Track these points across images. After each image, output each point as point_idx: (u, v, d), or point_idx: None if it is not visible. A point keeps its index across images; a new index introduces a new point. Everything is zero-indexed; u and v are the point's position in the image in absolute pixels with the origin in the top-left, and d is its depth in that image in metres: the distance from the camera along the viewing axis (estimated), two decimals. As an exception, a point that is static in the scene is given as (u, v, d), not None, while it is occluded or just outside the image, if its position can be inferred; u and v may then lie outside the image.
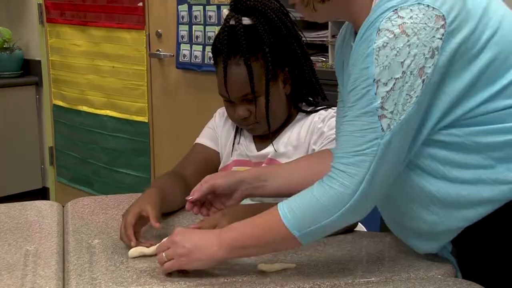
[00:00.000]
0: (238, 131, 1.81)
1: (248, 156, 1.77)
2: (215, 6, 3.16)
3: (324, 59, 2.85)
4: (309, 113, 1.74)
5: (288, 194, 1.34)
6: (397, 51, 1.17)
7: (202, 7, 3.22)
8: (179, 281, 1.31)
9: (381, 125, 1.19)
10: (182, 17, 3.33)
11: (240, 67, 1.63)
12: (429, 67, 1.18)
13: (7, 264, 1.41)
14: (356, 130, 1.22)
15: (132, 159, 3.84)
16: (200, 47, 3.28)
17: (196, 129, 1.91)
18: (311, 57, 1.77)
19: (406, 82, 1.18)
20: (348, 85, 1.25)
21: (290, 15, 1.72)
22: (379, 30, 1.18)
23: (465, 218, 1.29)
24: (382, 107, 1.19)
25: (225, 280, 1.32)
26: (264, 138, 1.77)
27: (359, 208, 1.25)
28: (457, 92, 1.22)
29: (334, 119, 1.70)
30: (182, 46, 3.37)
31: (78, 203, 1.84)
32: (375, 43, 1.18)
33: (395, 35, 1.17)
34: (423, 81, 1.19)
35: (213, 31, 3.16)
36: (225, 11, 1.68)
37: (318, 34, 2.87)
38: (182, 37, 3.36)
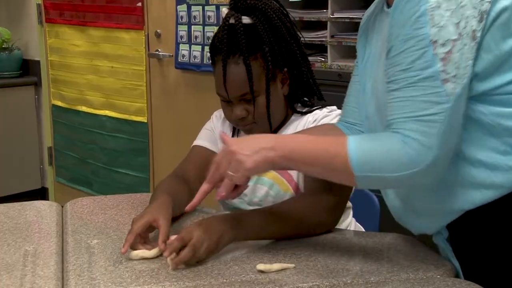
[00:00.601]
0: (235, 133, 1.81)
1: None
2: (214, 6, 3.16)
3: (323, 59, 2.85)
4: (304, 114, 1.74)
5: None
6: (451, 12, 1.16)
7: (201, 7, 3.22)
8: (178, 281, 1.31)
9: (445, 90, 1.17)
10: (181, 17, 3.34)
11: (239, 66, 1.62)
12: (479, 30, 1.17)
13: (6, 264, 1.41)
14: (419, 95, 1.19)
15: (131, 159, 3.84)
16: (199, 47, 3.28)
17: (195, 129, 1.90)
18: (310, 57, 1.77)
19: (465, 45, 1.17)
20: (393, 48, 1.22)
21: (290, 15, 1.72)
22: None
23: (470, 199, 1.27)
24: (444, 71, 1.17)
25: (224, 281, 1.32)
26: None
27: (427, 174, 1.23)
28: (489, 62, 1.21)
29: (326, 118, 1.69)
30: (181, 46, 3.37)
31: (77, 203, 1.84)
32: (427, 3, 1.17)
33: None
34: (475, 44, 1.18)
35: (212, 31, 3.16)
36: (224, 10, 1.68)
37: (317, 34, 2.87)
38: (181, 37, 3.36)
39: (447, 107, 1.18)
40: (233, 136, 1.80)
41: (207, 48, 3.20)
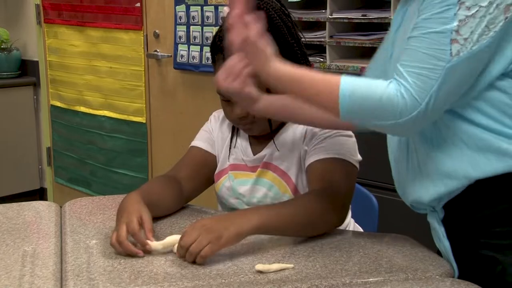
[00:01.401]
0: (234, 134, 1.81)
1: (243, 160, 1.77)
2: (212, 6, 3.17)
3: (321, 60, 2.85)
4: None
5: None
6: None
7: (199, 7, 3.22)
8: (177, 282, 1.31)
9: (451, 50, 1.18)
10: (180, 17, 3.33)
11: (239, 65, 1.61)
12: None
13: (4, 265, 1.41)
14: (425, 46, 1.20)
15: (129, 160, 3.84)
16: (197, 48, 3.28)
17: (194, 129, 1.90)
18: (309, 58, 1.77)
19: (490, 14, 1.17)
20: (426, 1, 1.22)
21: (291, 15, 1.72)
22: None
23: (476, 165, 1.26)
24: (457, 31, 1.17)
25: (223, 281, 1.32)
26: (260, 140, 1.76)
27: (410, 126, 1.23)
28: None
29: None
30: (180, 47, 3.37)
31: (75, 204, 1.84)
32: None
33: None
34: (505, 18, 1.17)
35: (210, 31, 3.16)
36: (226, 9, 1.67)
37: (316, 35, 2.87)
38: (180, 37, 3.36)
39: (446, 67, 1.18)
40: (232, 136, 1.80)
41: (205, 49, 3.20)
